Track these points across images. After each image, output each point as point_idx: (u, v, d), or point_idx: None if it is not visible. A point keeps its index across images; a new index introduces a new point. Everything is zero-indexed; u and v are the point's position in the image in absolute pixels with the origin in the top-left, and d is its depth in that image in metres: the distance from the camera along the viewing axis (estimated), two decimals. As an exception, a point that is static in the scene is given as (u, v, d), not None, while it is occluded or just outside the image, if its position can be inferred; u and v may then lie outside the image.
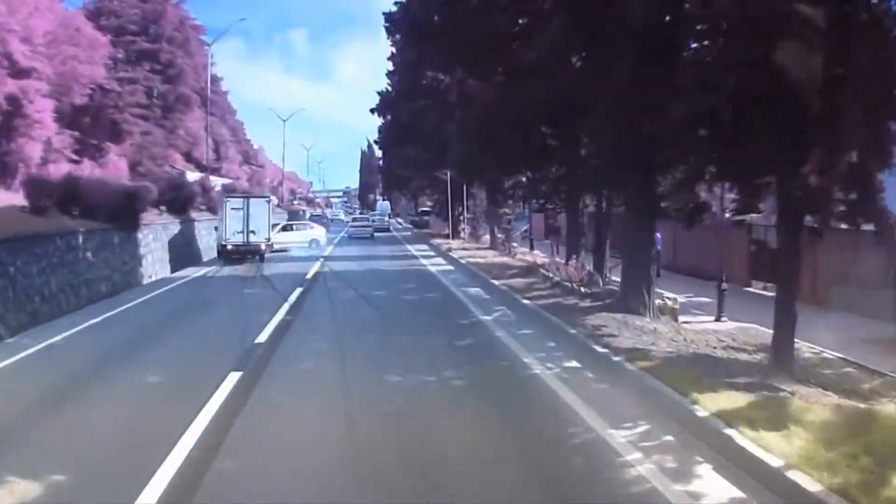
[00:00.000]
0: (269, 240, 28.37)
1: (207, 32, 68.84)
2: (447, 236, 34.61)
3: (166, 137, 63.43)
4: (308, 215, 65.28)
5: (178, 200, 26.97)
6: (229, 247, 27.45)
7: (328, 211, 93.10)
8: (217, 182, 47.66)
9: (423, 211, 55.21)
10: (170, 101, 64.26)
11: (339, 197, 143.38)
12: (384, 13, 18.65)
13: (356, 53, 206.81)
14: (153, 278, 22.05)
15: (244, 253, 27.47)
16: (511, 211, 29.52)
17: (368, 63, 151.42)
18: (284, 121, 73.88)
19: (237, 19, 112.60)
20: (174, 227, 25.92)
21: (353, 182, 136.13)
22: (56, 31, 42.46)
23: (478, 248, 28.22)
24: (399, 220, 73.51)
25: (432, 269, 23.82)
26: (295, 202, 79.98)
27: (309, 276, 20.85)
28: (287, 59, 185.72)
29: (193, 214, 30.00)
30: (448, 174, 31.70)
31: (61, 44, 43.16)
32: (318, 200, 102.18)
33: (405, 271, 23.24)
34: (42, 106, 39.08)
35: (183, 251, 26.01)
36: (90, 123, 51.83)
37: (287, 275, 21.14)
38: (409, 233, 48.44)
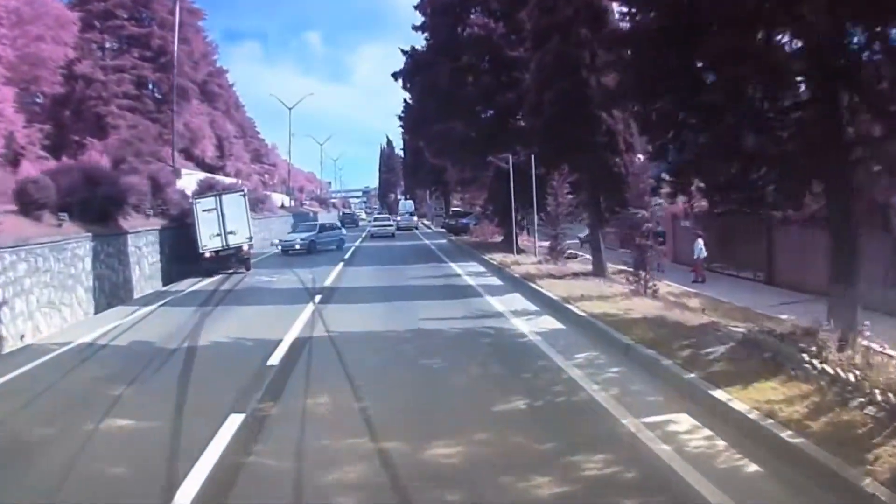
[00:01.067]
0: (250, 239, 23.09)
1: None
2: (504, 248, 24.51)
3: (160, 132, 55.77)
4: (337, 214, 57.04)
5: (92, 204, 17.09)
6: (207, 254, 22.29)
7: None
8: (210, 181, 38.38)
9: (456, 212, 44.77)
10: (163, 91, 57.31)
11: (357, 197, 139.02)
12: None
13: (373, 55, 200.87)
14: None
15: (224, 258, 22.71)
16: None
17: (386, 65, 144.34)
18: (290, 108, 65.00)
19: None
20: (80, 246, 15.99)
21: (372, 182, 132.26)
22: (21, 8, 35.59)
23: (577, 277, 17.43)
24: (425, 221, 63.50)
25: (532, 334, 11.19)
26: (305, 203, 70.04)
27: (277, 356, 9.80)
28: (304, 62, 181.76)
29: (136, 222, 20.30)
30: (511, 158, 21.75)
31: (26, 24, 36.04)
32: (333, 200, 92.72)
33: (472, 335, 11.43)
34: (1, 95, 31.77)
35: (99, 285, 16.15)
36: (71, 117, 47.24)
37: (243, 350, 11.03)
38: (444, 240, 38.04)
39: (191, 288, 19.41)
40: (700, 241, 20.67)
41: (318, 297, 15.60)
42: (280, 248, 32.75)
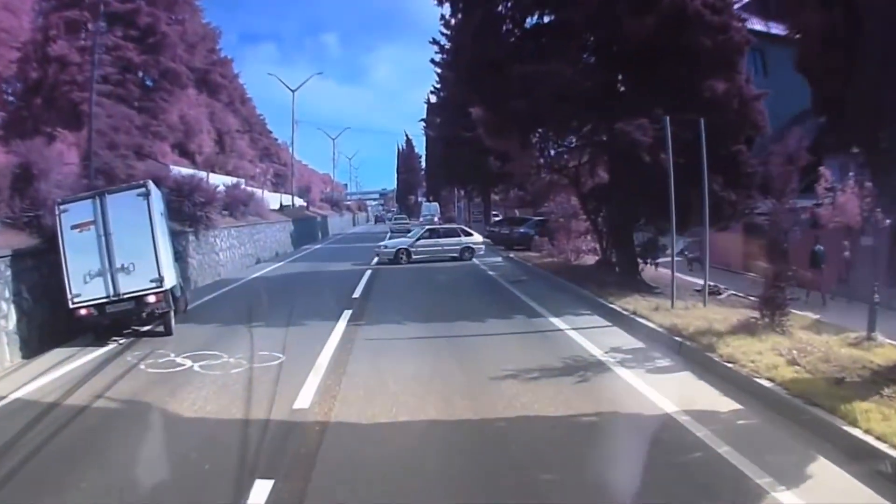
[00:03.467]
0: (160, 280, 11.77)
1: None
2: (617, 281, 13.75)
3: (146, 123, 46.86)
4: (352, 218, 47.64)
5: None
6: (82, 310, 11.51)
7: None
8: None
9: (512, 218, 33.34)
10: (152, 76, 49.17)
11: (374, 199, 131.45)
12: None
13: (390, 57, 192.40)
14: None
15: (117, 318, 11.88)
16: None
17: (402, 66, 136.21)
18: (293, 90, 55.25)
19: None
20: None
21: (390, 184, 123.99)
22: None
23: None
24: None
25: None
26: (312, 206, 59.51)
27: None
28: (320, 64, 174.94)
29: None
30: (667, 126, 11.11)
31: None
32: (348, 203, 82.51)
33: None
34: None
35: None
36: (43, 104, 40.51)
37: None
38: (499, 258, 26.68)
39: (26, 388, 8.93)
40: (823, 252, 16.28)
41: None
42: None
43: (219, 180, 30.09)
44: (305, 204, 58.65)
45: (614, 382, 8.36)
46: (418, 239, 25.93)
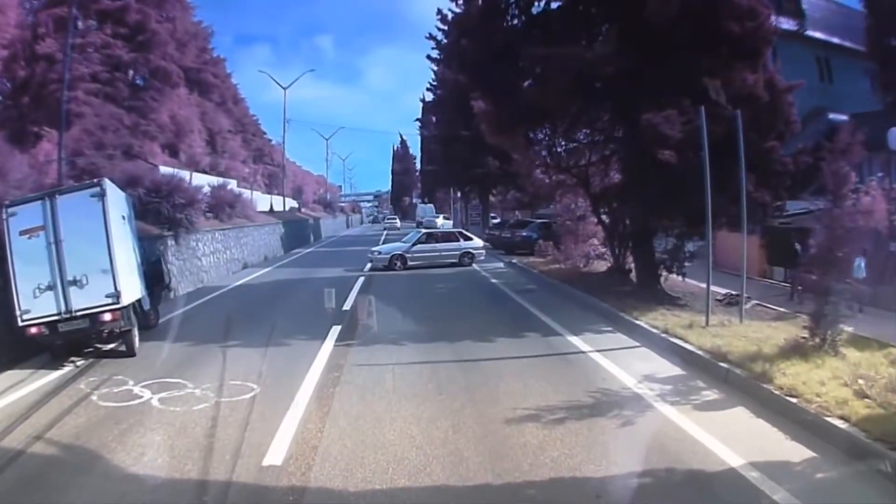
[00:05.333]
0: (116, 295, 9.87)
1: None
2: (635, 291, 12.11)
3: (135, 122, 45.65)
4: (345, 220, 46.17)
5: None
6: (33, 328, 9.72)
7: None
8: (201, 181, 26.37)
9: (517, 221, 31.39)
10: (142, 75, 47.99)
11: (369, 201, 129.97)
12: None
13: (385, 59, 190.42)
14: None
15: (72, 338, 10.11)
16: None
17: (397, 68, 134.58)
18: (285, 88, 53.58)
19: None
20: None
21: (384, 186, 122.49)
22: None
23: None
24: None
25: None
26: (302, 208, 57.68)
27: None
28: (315, 66, 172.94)
29: None
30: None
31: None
32: (342, 204, 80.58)
33: None
34: None
35: None
36: (31, 104, 39.06)
37: None
38: (501, 264, 24.61)
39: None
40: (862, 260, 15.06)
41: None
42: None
43: (204, 180, 28.29)
44: (298, 206, 56.87)
45: (660, 425, 6.72)
46: (414, 244, 24.19)
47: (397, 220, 71.91)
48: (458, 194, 49.36)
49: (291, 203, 54.68)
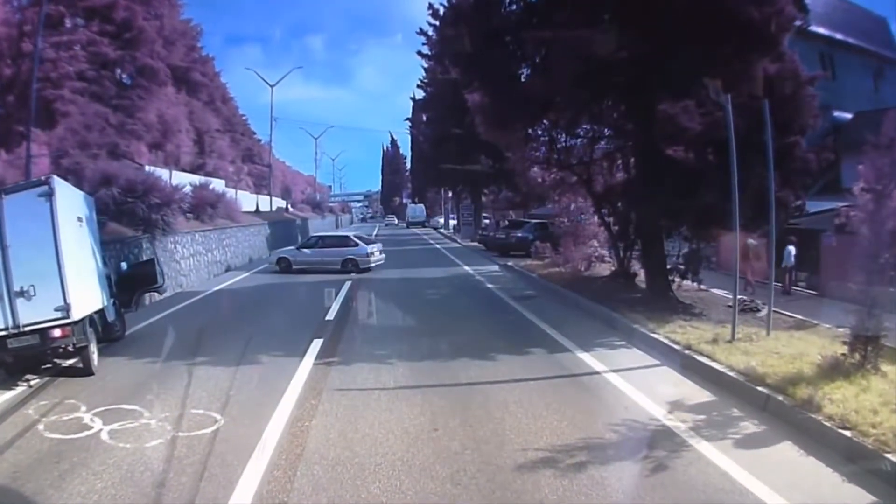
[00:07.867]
0: (66, 308, 8.45)
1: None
2: (646, 300, 10.86)
3: (122, 121, 44.47)
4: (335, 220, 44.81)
5: None
6: None
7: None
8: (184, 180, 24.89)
9: (512, 222, 29.69)
10: (129, 73, 46.74)
11: (359, 201, 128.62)
12: None
13: (375, 59, 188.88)
14: None
15: (23, 355, 8.57)
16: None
17: (387, 69, 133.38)
18: (272, 85, 52.12)
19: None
20: None
21: (375, 186, 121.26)
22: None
23: None
24: (444, 231, 49.65)
25: None
26: (290, 208, 56.22)
27: None
28: (305, 66, 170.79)
29: None
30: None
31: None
32: (331, 204, 79.06)
33: None
34: None
35: None
36: (16, 102, 37.20)
37: None
38: (496, 267, 22.99)
39: None
40: (791, 248, 18.05)
41: None
42: None
43: (185, 179, 26.86)
44: (286, 206, 55.43)
45: (700, 469, 5.47)
46: (300, 247, 24.12)
47: (395, 219, 77.50)
48: (450, 194, 48.07)
49: (280, 203, 53.23)
